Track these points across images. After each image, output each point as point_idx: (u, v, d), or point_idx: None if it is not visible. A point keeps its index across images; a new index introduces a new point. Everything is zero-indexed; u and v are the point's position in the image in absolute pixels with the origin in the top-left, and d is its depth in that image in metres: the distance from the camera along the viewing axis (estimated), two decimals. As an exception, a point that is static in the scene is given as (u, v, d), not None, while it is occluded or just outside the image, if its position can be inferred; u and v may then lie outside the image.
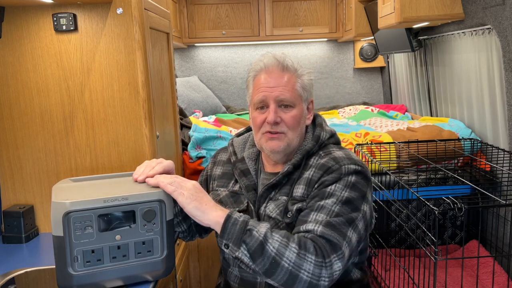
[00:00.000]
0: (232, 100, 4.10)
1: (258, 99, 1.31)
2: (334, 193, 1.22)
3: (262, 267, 1.11)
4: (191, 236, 1.44)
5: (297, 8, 3.71)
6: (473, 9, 2.04)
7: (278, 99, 1.30)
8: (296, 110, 1.31)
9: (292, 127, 1.31)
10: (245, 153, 1.44)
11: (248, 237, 1.12)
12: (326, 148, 1.36)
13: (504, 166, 1.95)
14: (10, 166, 1.61)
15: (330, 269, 1.12)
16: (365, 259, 1.42)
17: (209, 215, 1.15)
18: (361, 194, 1.24)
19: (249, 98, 1.38)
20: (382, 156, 2.22)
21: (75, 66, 1.55)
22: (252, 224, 1.14)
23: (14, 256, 1.45)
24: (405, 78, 3.41)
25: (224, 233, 1.13)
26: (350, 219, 1.19)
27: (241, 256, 1.12)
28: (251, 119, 1.37)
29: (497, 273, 1.88)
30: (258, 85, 1.33)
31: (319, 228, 1.16)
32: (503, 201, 1.60)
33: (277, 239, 1.12)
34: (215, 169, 1.50)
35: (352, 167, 1.26)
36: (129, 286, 1.17)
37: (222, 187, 1.43)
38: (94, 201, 1.10)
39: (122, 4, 1.51)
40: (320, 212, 1.19)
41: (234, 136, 1.53)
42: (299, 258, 1.10)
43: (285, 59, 1.33)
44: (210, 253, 2.45)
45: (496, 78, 2.10)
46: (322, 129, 1.38)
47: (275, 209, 1.29)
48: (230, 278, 1.38)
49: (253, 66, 1.37)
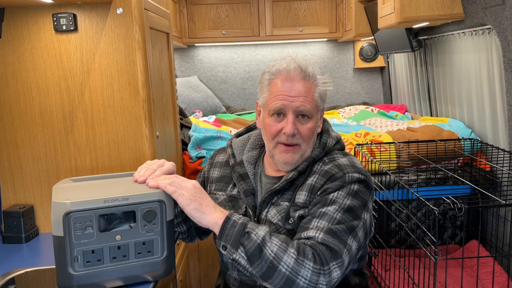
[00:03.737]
0: (232, 100, 4.10)
1: (277, 107, 1.27)
2: (337, 201, 1.21)
3: (259, 271, 1.11)
4: (191, 238, 1.43)
5: (297, 8, 3.71)
6: (473, 9, 2.04)
7: (298, 110, 1.26)
8: (312, 122, 1.29)
9: (307, 139, 1.29)
10: (244, 156, 1.41)
11: (246, 239, 1.11)
12: (330, 154, 1.34)
13: (504, 166, 1.95)
14: (10, 166, 1.61)
15: (329, 276, 1.11)
16: (364, 265, 1.41)
17: (208, 217, 1.14)
18: (362, 202, 1.23)
19: (263, 101, 1.32)
20: (382, 156, 2.22)
21: (75, 66, 1.55)
22: (251, 226, 1.14)
23: (14, 256, 1.45)
24: (405, 78, 3.41)
25: (223, 234, 1.13)
26: (351, 227, 1.18)
27: (239, 258, 1.12)
28: (264, 125, 1.32)
29: (497, 273, 1.88)
30: (276, 90, 1.27)
31: (320, 235, 1.15)
32: (503, 201, 1.60)
33: (276, 243, 1.12)
34: (212, 171, 1.48)
35: (356, 175, 1.25)
36: (129, 286, 1.17)
37: (220, 191, 1.41)
38: (94, 201, 1.10)
39: (122, 4, 1.51)
40: (321, 219, 1.18)
41: (233, 137, 1.50)
42: (297, 263, 1.09)
43: (307, 66, 1.28)
44: (210, 253, 2.45)
45: (496, 78, 2.10)
46: (329, 136, 1.36)
47: (277, 214, 1.28)
48: (230, 281, 1.38)
49: (270, 68, 1.31)
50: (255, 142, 1.44)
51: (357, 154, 2.24)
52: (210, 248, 2.43)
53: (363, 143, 2.29)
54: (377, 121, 2.97)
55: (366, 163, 2.17)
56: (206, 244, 2.43)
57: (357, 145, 2.28)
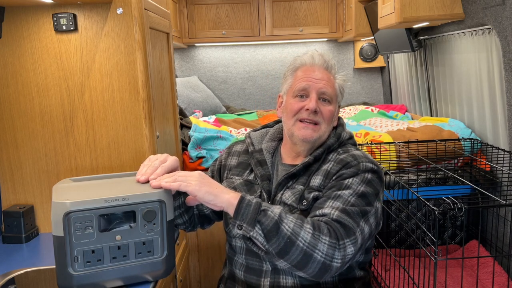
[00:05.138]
0: (232, 100, 4.10)
1: (301, 87, 1.35)
2: (351, 186, 1.25)
3: (277, 247, 1.12)
4: (193, 226, 1.45)
5: (297, 8, 3.71)
6: (473, 9, 2.04)
7: (321, 91, 1.34)
8: (332, 106, 1.37)
9: (328, 120, 1.36)
10: (263, 145, 1.46)
11: (263, 217, 1.13)
12: (345, 146, 1.41)
13: (504, 166, 1.95)
14: (10, 166, 1.61)
15: (344, 251, 1.14)
16: (368, 260, 1.43)
17: (222, 197, 1.15)
18: (375, 191, 1.28)
19: (287, 87, 1.40)
20: (382, 156, 2.22)
21: (75, 66, 1.55)
22: (266, 205, 1.16)
23: (14, 256, 1.45)
24: (405, 78, 3.41)
25: (238, 213, 1.13)
26: (364, 211, 1.22)
27: (256, 235, 1.12)
28: (287, 105, 1.39)
29: (497, 273, 1.88)
30: (301, 74, 1.36)
31: (336, 212, 1.19)
32: (503, 201, 1.61)
33: (292, 220, 1.14)
34: (230, 160, 1.51)
35: (370, 165, 1.31)
36: (129, 286, 1.17)
37: (237, 176, 1.44)
38: (94, 201, 1.10)
39: (122, 4, 1.51)
40: (336, 200, 1.22)
41: (251, 131, 1.54)
42: (314, 238, 1.12)
43: (330, 59, 1.39)
44: (210, 253, 2.45)
45: (496, 78, 2.10)
46: (343, 129, 1.44)
47: (291, 196, 1.31)
48: (236, 266, 1.38)
49: (294, 61, 1.41)
50: (274, 135, 1.50)
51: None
52: (210, 248, 2.43)
53: (363, 143, 2.29)
54: (377, 121, 2.97)
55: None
56: (206, 244, 2.43)
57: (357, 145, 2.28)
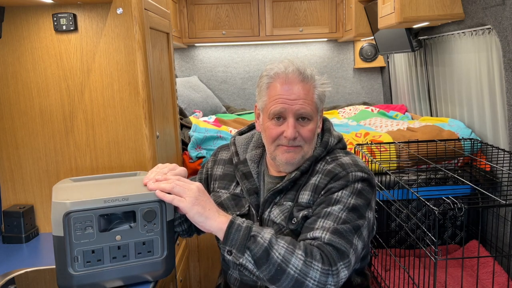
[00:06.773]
0: (232, 100, 4.10)
1: (276, 110, 1.26)
2: (341, 200, 1.21)
3: (267, 274, 1.10)
4: (190, 233, 1.43)
5: (297, 8, 3.71)
6: (473, 9, 2.04)
7: (298, 112, 1.25)
8: (312, 124, 1.28)
9: (309, 140, 1.29)
10: (248, 155, 1.40)
11: (252, 243, 1.10)
12: (333, 153, 1.33)
13: (504, 166, 1.95)
14: (10, 166, 1.61)
15: (337, 277, 1.11)
16: (366, 264, 1.41)
17: (212, 221, 1.13)
18: (366, 201, 1.23)
19: (262, 104, 1.31)
20: (382, 156, 2.22)
21: (75, 66, 1.55)
22: (256, 230, 1.12)
23: (14, 256, 1.45)
24: (405, 78, 3.41)
25: (228, 239, 1.11)
26: (356, 226, 1.18)
27: (245, 262, 1.10)
28: (264, 128, 1.31)
29: (497, 273, 1.88)
30: (275, 94, 1.26)
31: (327, 235, 1.15)
32: (503, 201, 1.60)
33: (283, 246, 1.11)
34: (215, 169, 1.46)
35: (359, 174, 1.25)
36: (129, 286, 1.17)
37: (223, 189, 1.40)
38: (94, 201, 1.10)
39: (122, 4, 1.51)
40: (327, 219, 1.18)
41: (236, 134, 1.49)
42: (306, 265, 1.09)
43: (305, 68, 1.28)
44: (210, 253, 2.44)
45: (496, 78, 2.10)
46: (330, 135, 1.36)
47: (280, 214, 1.27)
48: (230, 280, 1.37)
49: (268, 71, 1.30)
50: (259, 141, 1.43)
51: (357, 154, 2.24)
52: (210, 248, 2.43)
53: (363, 143, 2.29)
54: (377, 121, 2.97)
55: (366, 163, 2.16)
56: (206, 244, 2.43)
57: (357, 145, 2.28)
